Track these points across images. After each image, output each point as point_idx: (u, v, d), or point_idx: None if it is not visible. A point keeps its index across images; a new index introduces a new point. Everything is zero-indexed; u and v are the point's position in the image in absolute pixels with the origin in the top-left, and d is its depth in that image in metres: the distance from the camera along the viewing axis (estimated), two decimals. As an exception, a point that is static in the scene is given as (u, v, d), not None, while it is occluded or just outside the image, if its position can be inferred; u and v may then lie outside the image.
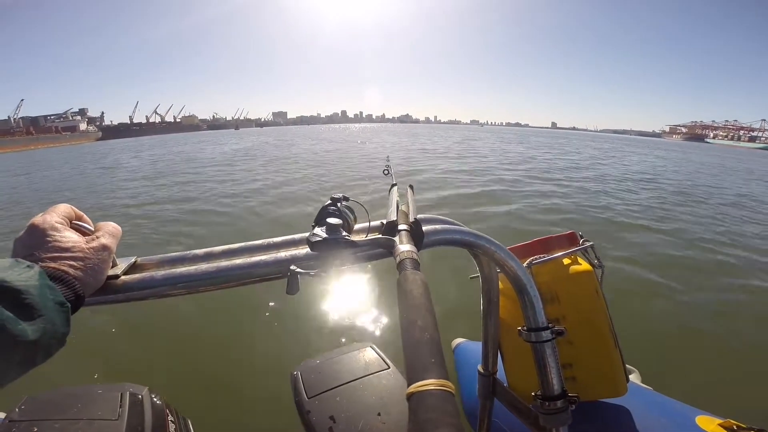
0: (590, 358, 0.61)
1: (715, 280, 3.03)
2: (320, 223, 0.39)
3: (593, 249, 0.63)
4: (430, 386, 0.19)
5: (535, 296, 0.48)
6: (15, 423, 0.64)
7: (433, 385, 0.19)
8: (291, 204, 5.45)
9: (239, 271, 0.40)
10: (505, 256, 0.46)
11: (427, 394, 0.19)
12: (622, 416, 0.69)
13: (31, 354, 0.28)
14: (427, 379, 0.20)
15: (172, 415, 0.79)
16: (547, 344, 0.48)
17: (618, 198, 6.29)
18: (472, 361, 0.67)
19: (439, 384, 0.20)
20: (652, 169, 11.84)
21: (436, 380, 0.20)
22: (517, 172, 8.97)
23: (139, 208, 5.50)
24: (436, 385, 0.19)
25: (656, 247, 3.70)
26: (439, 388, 0.19)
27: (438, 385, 0.19)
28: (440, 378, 0.20)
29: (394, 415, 0.66)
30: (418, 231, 0.41)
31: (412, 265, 0.32)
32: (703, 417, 0.69)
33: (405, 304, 0.27)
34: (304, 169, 9.36)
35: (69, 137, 68.71)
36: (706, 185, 8.77)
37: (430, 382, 0.20)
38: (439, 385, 0.19)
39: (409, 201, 0.51)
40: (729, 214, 5.58)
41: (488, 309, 0.58)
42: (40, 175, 11.65)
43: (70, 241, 0.35)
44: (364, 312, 2.34)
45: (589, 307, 0.60)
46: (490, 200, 5.63)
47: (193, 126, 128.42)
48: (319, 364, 0.81)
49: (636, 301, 2.56)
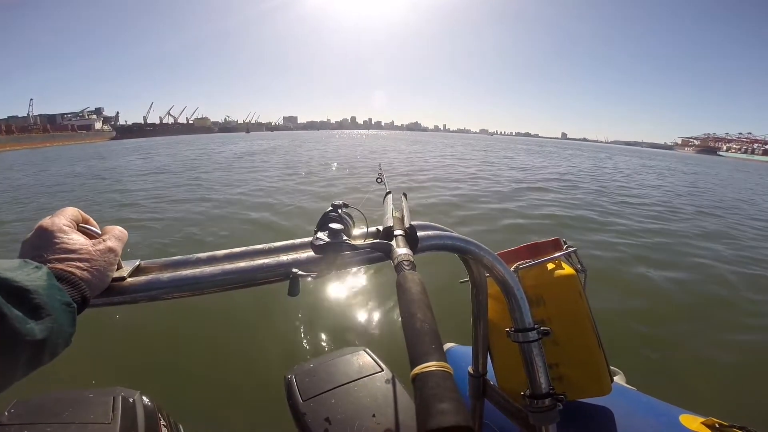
0: (575, 358, 0.64)
1: (697, 282, 3.13)
2: (322, 228, 0.41)
3: (576, 254, 0.66)
4: (432, 367, 0.22)
5: (522, 298, 0.50)
6: (4, 427, 0.63)
7: (434, 367, 0.22)
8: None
9: (243, 274, 0.41)
10: (494, 261, 0.48)
11: (429, 374, 0.22)
12: (608, 415, 0.71)
13: (38, 353, 0.28)
14: (428, 362, 0.22)
15: (165, 419, 0.79)
16: (533, 344, 0.51)
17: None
18: (463, 363, 0.69)
19: (440, 366, 0.22)
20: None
21: (436, 362, 0.22)
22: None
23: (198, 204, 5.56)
24: (437, 367, 0.22)
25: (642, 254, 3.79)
26: (440, 369, 0.22)
27: (439, 367, 0.22)
28: (440, 361, 0.22)
29: (389, 416, 0.67)
30: (413, 236, 0.43)
31: (409, 266, 0.34)
32: (686, 416, 0.72)
33: (405, 301, 0.29)
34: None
35: (84, 135, 68.13)
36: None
37: (431, 364, 0.22)
38: (439, 366, 0.22)
39: (404, 208, 0.53)
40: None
41: (478, 312, 0.60)
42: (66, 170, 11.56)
43: (77, 244, 0.36)
44: (357, 317, 2.35)
45: (572, 309, 0.63)
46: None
47: (205, 128, 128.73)
48: (313, 367, 0.81)
49: (619, 304, 2.62)
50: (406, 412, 0.67)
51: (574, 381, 0.64)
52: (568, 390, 0.62)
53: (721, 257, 3.86)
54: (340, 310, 2.45)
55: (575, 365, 0.64)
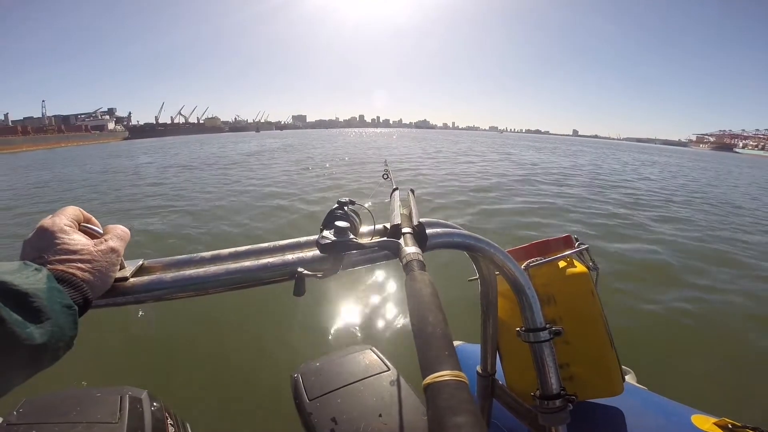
0: (587, 358, 0.62)
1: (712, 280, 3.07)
2: (328, 226, 0.40)
3: (588, 252, 0.64)
4: (446, 377, 0.20)
5: (533, 297, 0.49)
6: (13, 426, 0.63)
7: (448, 376, 0.20)
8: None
9: (247, 273, 0.40)
10: (504, 259, 0.47)
11: (443, 384, 0.20)
12: (619, 415, 0.70)
13: (39, 357, 0.28)
14: (442, 371, 0.21)
15: (172, 419, 0.79)
16: (545, 344, 0.49)
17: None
18: (471, 362, 0.68)
19: (454, 375, 0.21)
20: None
21: (450, 371, 0.21)
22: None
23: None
24: (452, 376, 0.20)
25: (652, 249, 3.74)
26: (455, 379, 0.20)
27: (453, 376, 0.20)
28: (454, 369, 0.21)
29: (395, 416, 0.66)
30: (422, 234, 0.42)
31: (419, 266, 0.33)
32: (699, 416, 0.70)
33: (415, 303, 0.28)
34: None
35: (98, 136, 69.08)
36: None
37: (445, 374, 0.21)
38: (454, 375, 0.20)
39: (412, 205, 0.52)
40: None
41: (487, 311, 0.59)
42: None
43: (78, 244, 0.35)
44: (364, 315, 2.35)
45: (584, 307, 0.62)
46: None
47: (215, 128, 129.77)
48: (319, 366, 0.81)
49: (631, 303, 2.59)
50: (413, 412, 0.66)
51: (586, 381, 0.63)
52: (579, 390, 0.61)
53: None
54: (347, 307, 2.44)
55: (587, 365, 0.62)
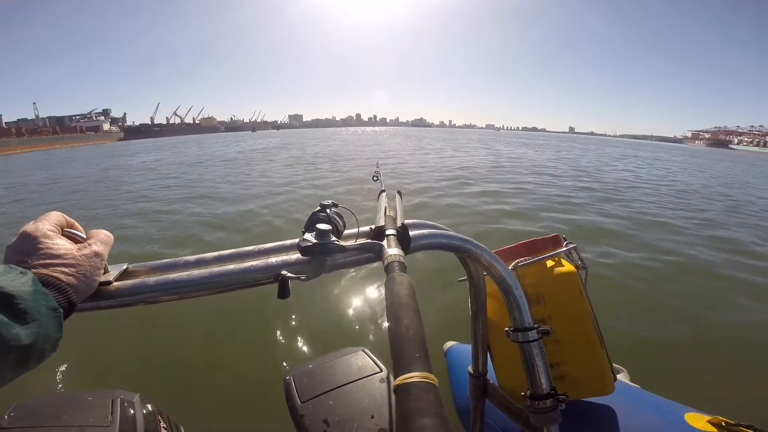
0: (577, 357, 0.62)
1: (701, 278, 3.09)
2: (310, 229, 0.40)
3: (576, 251, 0.64)
4: (415, 378, 0.21)
5: (520, 297, 0.49)
6: (4, 430, 0.63)
7: (417, 378, 0.21)
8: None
9: (231, 277, 0.40)
10: (491, 259, 0.47)
11: (412, 385, 0.20)
12: (611, 414, 0.70)
13: (25, 358, 0.28)
14: (412, 372, 0.21)
15: (165, 422, 0.78)
16: (533, 344, 0.50)
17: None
18: (464, 363, 0.68)
19: (423, 376, 0.21)
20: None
21: (420, 373, 0.21)
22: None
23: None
24: (421, 377, 0.21)
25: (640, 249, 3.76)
26: (423, 380, 0.21)
27: (422, 378, 0.21)
28: (424, 371, 0.21)
29: (387, 417, 0.66)
30: (405, 235, 0.42)
31: (399, 267, 0.33)
32: (692, 414, 0.70)
33: (392, 304, 0.28)
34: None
35: (92, 137, 68.94)
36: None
37: (414, 375, 0.21)
38: (423, 377, 0.21)
39: (397, 206, 0.52)
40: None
41: (476, 311, 0.59)
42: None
43: (62, 248, 0.35)
44: (356, 317, 2.34)
45: (573, 307, 0.62)
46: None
47: (211, 128, 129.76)
48: (311, 368, 0.81)
49: (623, 302, 2.60)
50: None
51: (577, 380, 0.63)
52: (570, 389, 0.61)
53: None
54: (340, 309, 2.44)
55: (577, 364, 0.62)
